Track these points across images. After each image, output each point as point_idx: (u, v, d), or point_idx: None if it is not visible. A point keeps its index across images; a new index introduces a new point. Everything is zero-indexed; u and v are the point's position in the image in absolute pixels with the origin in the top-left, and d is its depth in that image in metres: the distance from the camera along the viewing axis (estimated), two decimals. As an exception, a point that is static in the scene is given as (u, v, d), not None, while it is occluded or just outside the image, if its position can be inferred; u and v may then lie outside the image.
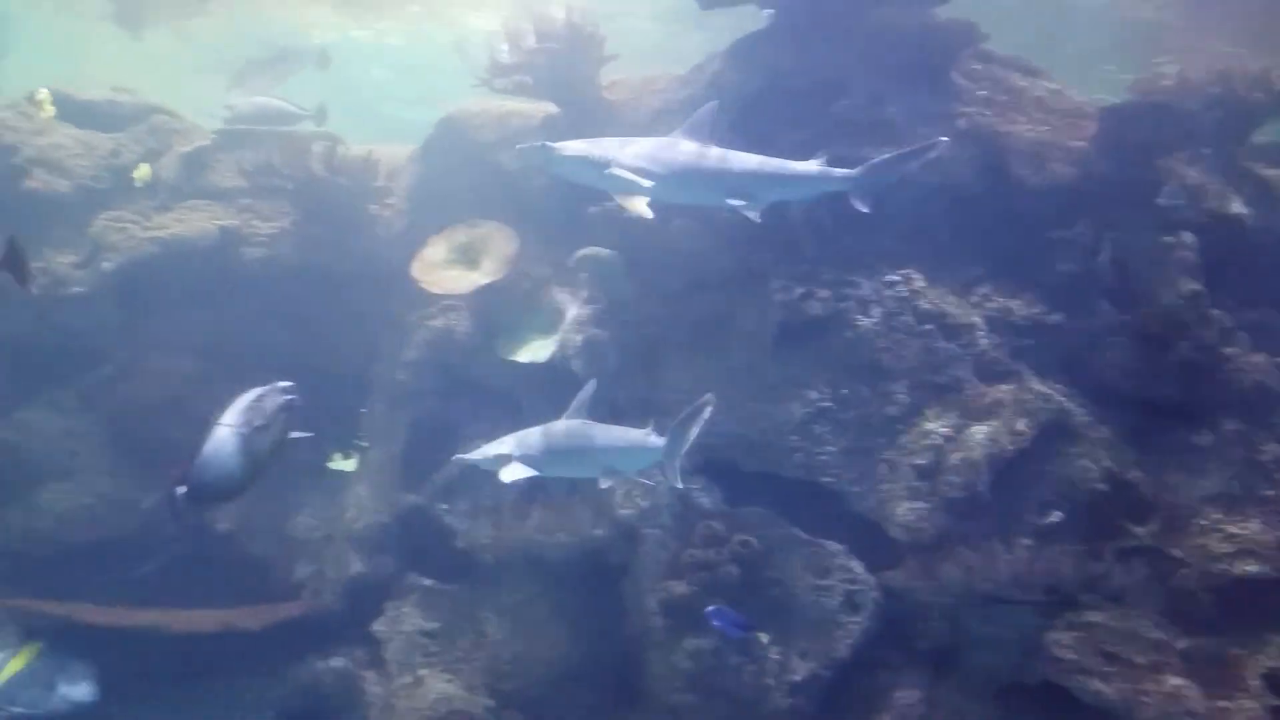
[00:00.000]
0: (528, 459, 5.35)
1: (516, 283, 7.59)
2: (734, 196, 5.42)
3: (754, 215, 5.43)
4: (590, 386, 5.63)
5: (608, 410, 6.01)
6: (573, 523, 6.94)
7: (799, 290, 6.60)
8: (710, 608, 5.98)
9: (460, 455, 5.88)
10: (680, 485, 5.49)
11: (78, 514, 7.83)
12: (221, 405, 4.17)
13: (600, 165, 5.20)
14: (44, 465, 7.93)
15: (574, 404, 5.59)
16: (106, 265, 7.95)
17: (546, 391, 7.32)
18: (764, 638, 6.16)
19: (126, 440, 8.15)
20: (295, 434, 4.30)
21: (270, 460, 4.13)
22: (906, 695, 6.13)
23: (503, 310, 7.60)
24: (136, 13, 12.14)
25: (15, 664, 7.04)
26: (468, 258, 7.70)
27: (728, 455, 6.71)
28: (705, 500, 6.68)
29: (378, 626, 7.52)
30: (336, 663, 7.62)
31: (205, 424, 4.12)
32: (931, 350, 6.56)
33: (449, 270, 7.61)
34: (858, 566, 6.31)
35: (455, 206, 7.97)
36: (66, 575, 7.80)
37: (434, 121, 8.54)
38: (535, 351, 7.28)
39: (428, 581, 7.65)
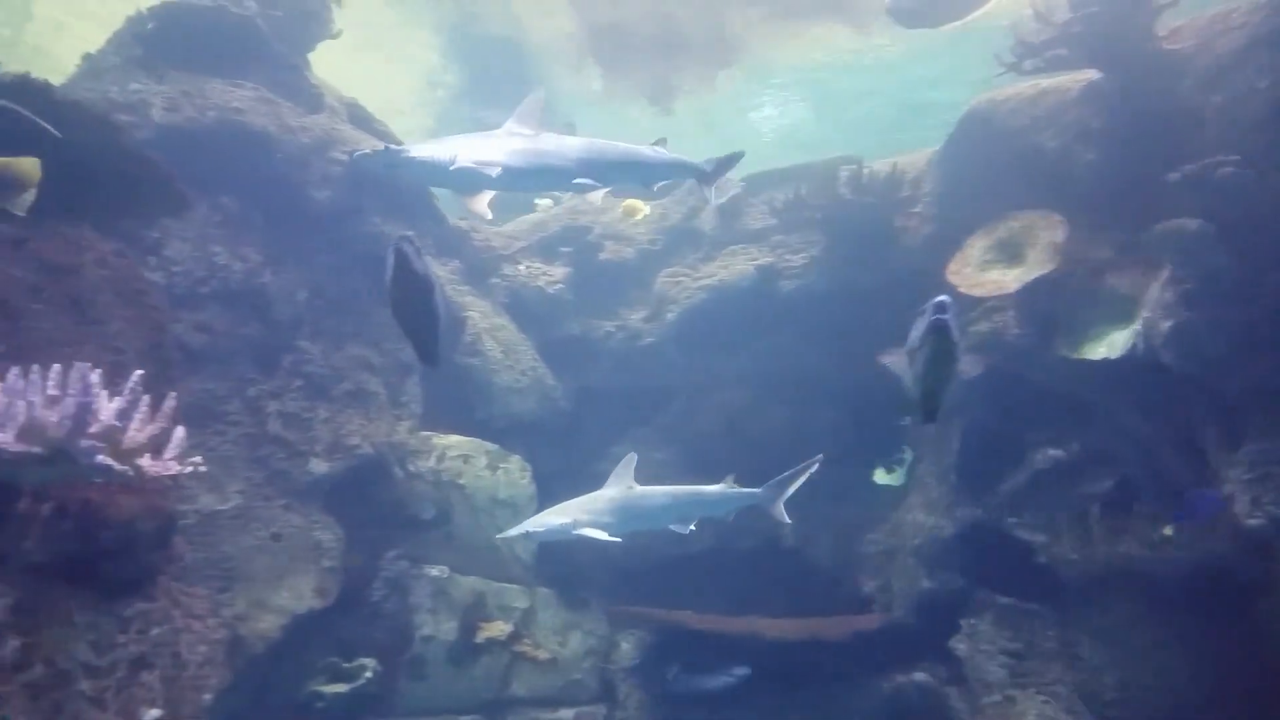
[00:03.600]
0: (599, 525, 6.02)
1: (1070, 272, 6.97)
2: (579, 178, 5.49)
3: (597, 197, 5.65)
4: (632, 457, 6.78)
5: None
6: (1183, 535, 6.10)
7: None
8: None
9: (502, 535, 6.34)
10: (788, 521, 6.82)
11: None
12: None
13: (445, 164, 5.17)
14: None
15: (617, 472, 6.59)
16: (669, 315, 9.03)
17: (1125, 389, 6.60)
18: None
19: (699, 465, 9.10)
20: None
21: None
22: None
23: (1058, 304, 7.03)
24: (666, 90, 13.89)
25: None
26: (1009, 253, 7.28)
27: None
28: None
29: (957, 643, 7.38)
30: (919, 676, 7.63)
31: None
32: None
33: (989, 270, 7.27)
34: None
35: (986, 202, 7.62)
36: (658, 585, 8.84)
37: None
38: (1107, 345, 6.59)
39: (1004, 599, 7.32)
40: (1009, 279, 7.13)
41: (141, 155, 4.62)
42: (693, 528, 6.72)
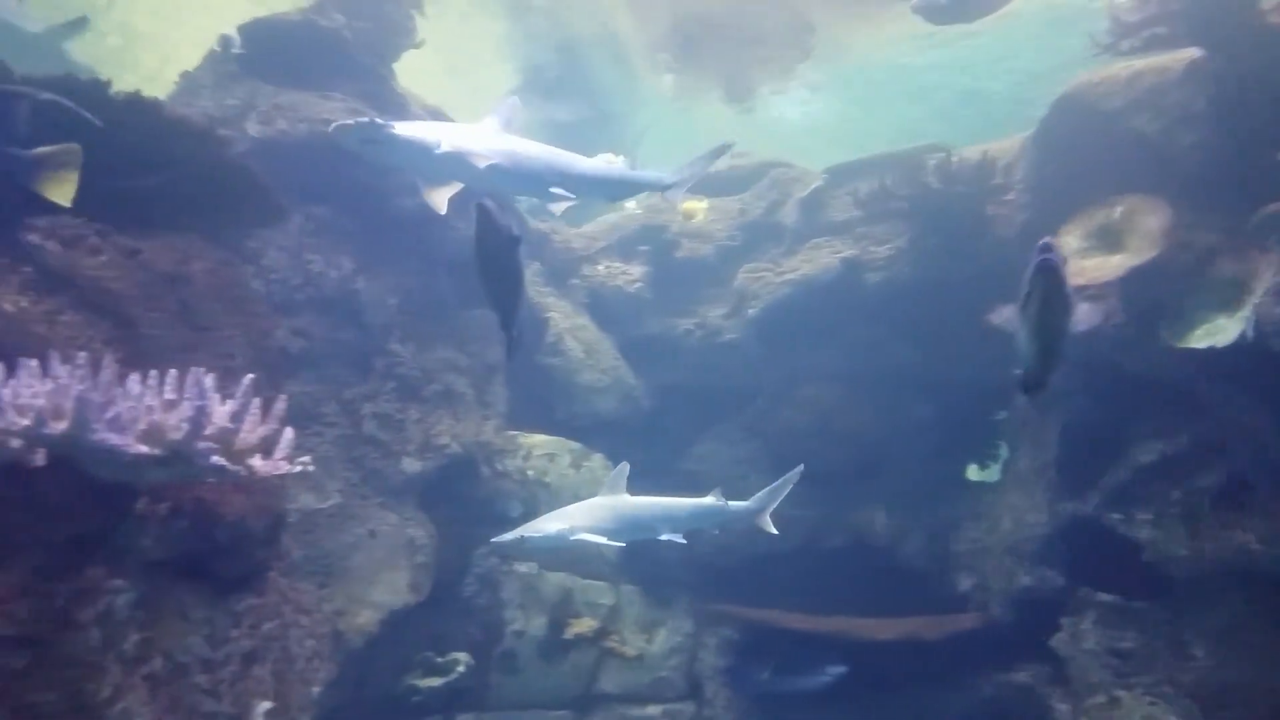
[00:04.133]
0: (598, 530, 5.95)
1: (1174, 258, 6.68)
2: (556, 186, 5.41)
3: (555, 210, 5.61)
4: (624, 467, 6.61)
5: None
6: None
7: None
8: None
9: (497, 540, 6.08)
10: (775, 532, 6.97)
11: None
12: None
13: (430, 148, 5.06)
14: (723, 490, 9.08)
15: (610, 481, 6.54)
16: (750, 311, 8.97)
17: (1235, 379, 6.30)
18: None
19: (784, 462, 9.01)
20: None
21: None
22: None
23: (1161, 292, 6.74)
24: (742, 87, 13.80)
25: None
26: (1108, 240, 7.01)
27: None
28: None
29: (1058, 642, 7.14)
30: (1018, 677, 7.43)
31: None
32: None
33: (1089, 258, 7.01)
34: None
35: (1083, 187, 7.35)
36: (743, 584, 8.78)
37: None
38: (1214, 333, 6.29)
39: (1106, 597, 7.05)
40: (1110, 266, 6.85)
41: (242, 167, 4.79)
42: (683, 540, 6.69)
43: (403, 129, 5.27)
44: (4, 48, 6.34)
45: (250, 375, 3.61)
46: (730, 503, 6.90)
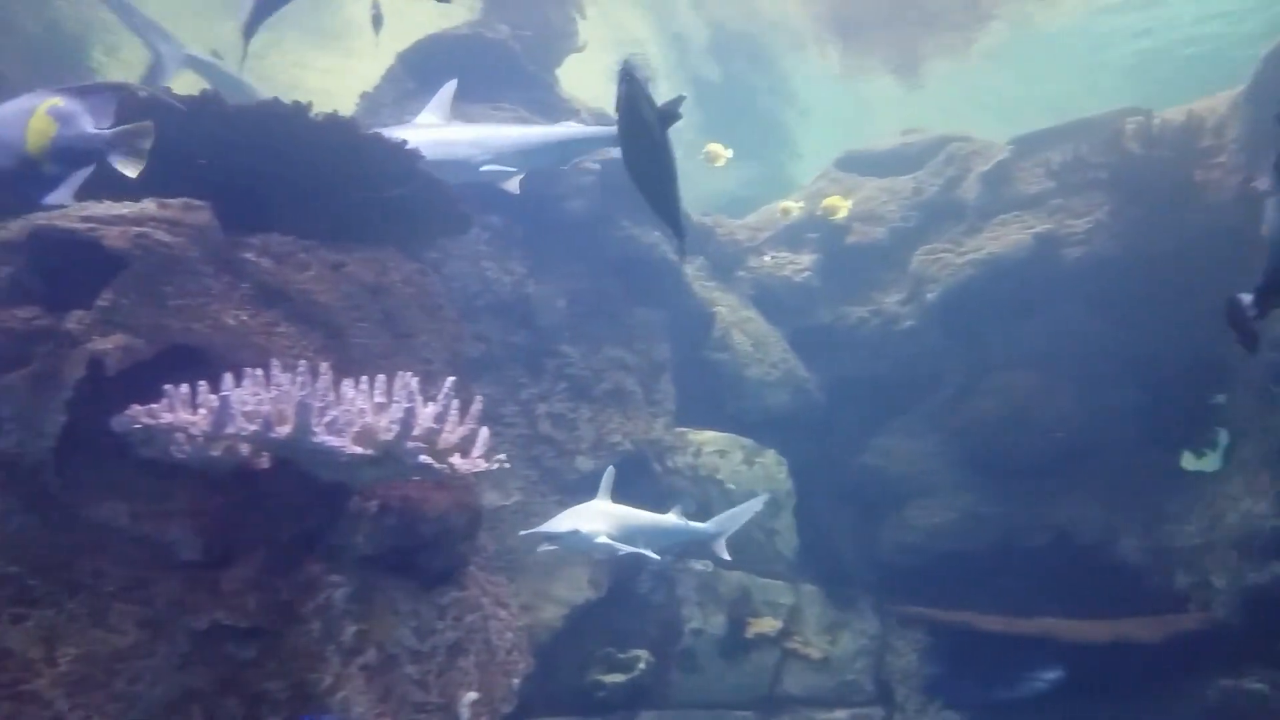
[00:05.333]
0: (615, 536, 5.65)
1: None
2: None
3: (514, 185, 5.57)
4: (610, 472, 6.21)
5: None
6: None
7: None
8: None
9: (529, 531, 5.82)
10: (728, 558, 6.58)
11: (944, 527, 8.41)
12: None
13: None
14: (906, 485, 8.74)
15: (603, 485, 6.10)
16: (929, 296, 8.55)
17: None
18: None
19: (973, 456, 8.55)
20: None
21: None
22: None
23: None
24: (913, 63, 13.27)
25: None
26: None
27: None
28: None
29: (1301, 649, 6.42)
30: (1250, 684, 6.73)
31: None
32: None
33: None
34: None
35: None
36: (931, 584, 8.40)
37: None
38: None
39: (1361, 596, 6.28)
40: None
41: (433, 179, 4.96)
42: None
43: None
44: (214, 83, 6.99)
45: (450, 378, 3.71)
46: (691, 523, 6.52)
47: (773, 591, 8.04)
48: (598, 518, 5.85)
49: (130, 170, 3.46)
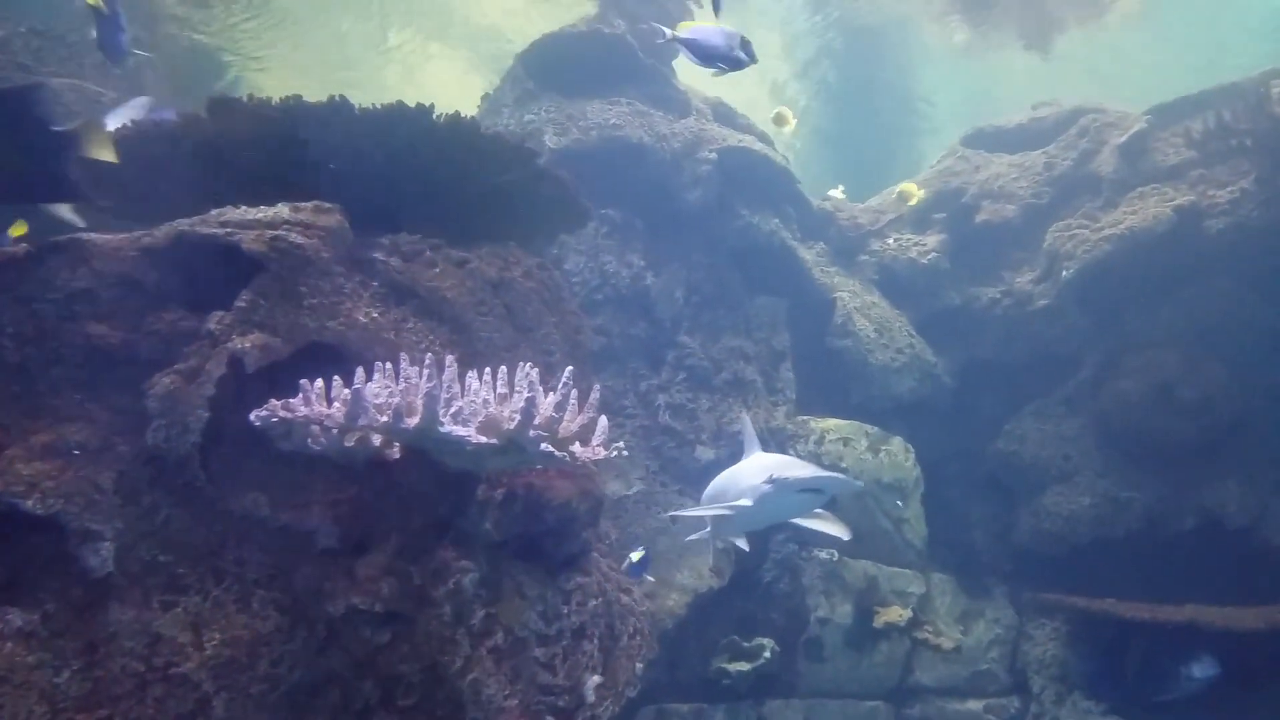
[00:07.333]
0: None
1: None
2: None
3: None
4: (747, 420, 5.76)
5: None
6: None
7: None
8: None
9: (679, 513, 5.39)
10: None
11: (1083, 513, 7.99)
12: None
13: None
14: (1042, 470, 8.35)
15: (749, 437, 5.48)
16: (1065, 274, 8.13)
17: None
18: None
19: (1114, 439, 8.10)
20: None
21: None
22: None
23: None
24: (1045, 32, 12.58)
25: None
26: None
27: None
28: None
29: None
30: None
31: None
32: None
33: None
34: None
35: None
36: (1069, 572, 8.03)
37: None
38: None
39: None
40: None
41: (554, 176, 5.07)
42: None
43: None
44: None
45: (570, 367, 3.79)
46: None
47: (901, 580, 7.87)
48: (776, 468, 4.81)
49: None
